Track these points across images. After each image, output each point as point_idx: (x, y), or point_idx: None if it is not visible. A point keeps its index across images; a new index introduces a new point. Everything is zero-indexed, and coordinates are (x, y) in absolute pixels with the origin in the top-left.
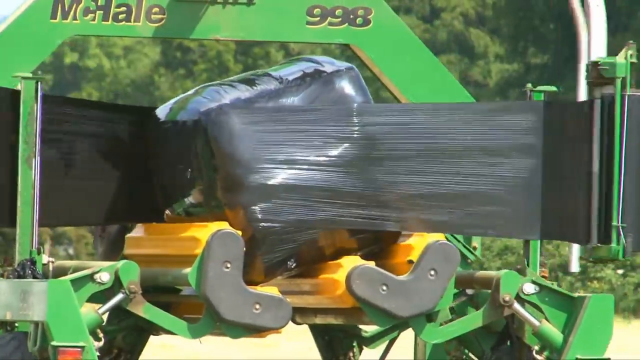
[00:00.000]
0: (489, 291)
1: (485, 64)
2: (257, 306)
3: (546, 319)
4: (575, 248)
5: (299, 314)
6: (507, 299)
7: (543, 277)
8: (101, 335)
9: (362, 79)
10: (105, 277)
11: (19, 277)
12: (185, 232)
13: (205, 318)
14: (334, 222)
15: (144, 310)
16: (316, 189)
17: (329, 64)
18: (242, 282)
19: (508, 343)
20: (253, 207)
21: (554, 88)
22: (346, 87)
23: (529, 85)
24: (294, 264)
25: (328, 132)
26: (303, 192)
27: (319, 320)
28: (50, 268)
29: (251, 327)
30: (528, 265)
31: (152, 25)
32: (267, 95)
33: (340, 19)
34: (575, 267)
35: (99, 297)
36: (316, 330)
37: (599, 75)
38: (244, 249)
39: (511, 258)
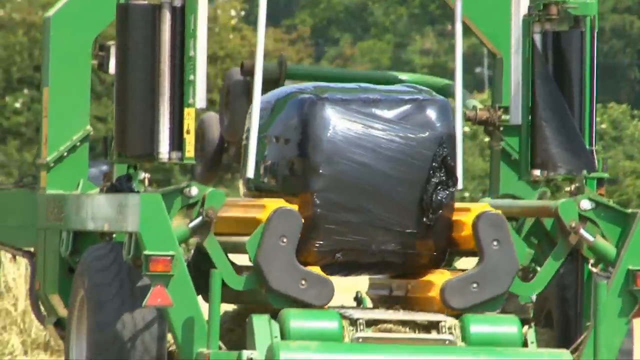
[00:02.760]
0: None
1: None
2: (303, 282)
3: (602, 234)
4: None
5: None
6: (573, 225)
7: (600, 194)
8: (191, 248)
9: (451, 111)
10: (194, 191)
11: (117, 191)
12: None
13: (251, 275)
14: (388, 231)
15: (208, 241)
16: (382, 198)
17: (426, 93)
18: (294, 258)
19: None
20: (320, 194)
21: None
22: (434, 114)
23: None
24: (341, 258)
25: (408, 151)
26: (369, 197)
27: None
28: (146, 183)
29: (294, 300)
30: (586, 183)
31: None
32: (364, 102)
33: None
34: None
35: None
36: None
37: (557, 13)
38: (301, 226)
39: None
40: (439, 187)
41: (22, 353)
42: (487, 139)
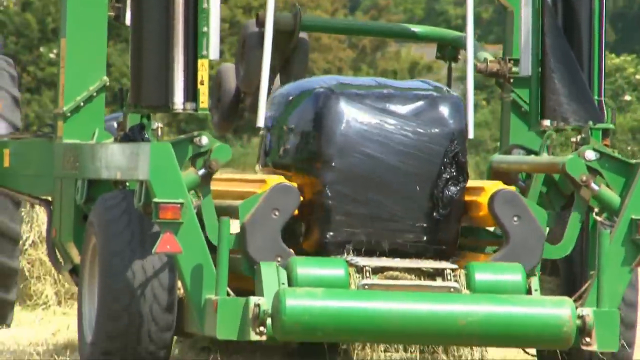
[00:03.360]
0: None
1: None
2: (279, 259)
3: (607, 184)
4: None
5: None
6: (584, 179)
7: (605, 145)
8: (204, 192)
9: (463, 107)
10: (204, 140)
11: (129, 140)
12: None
13: (235, 237)
14: (398, 224)
15: (205, 201)
16: (393, 191)
17: (440, 88)
18: (279, 233)
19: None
20: (332, 186)
21: None
22: (447, 111)
23: None
24: (352, 249)
25: (420, 146)
26: (380, 190)
27: None
28: (159, 133)
29: None
30: (591, 134)
31: None
32: (378, 97)
33: None
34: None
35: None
36: None
37: None
38: (297, 208)
39: None
40: (450, 183)
41: (55, 303)
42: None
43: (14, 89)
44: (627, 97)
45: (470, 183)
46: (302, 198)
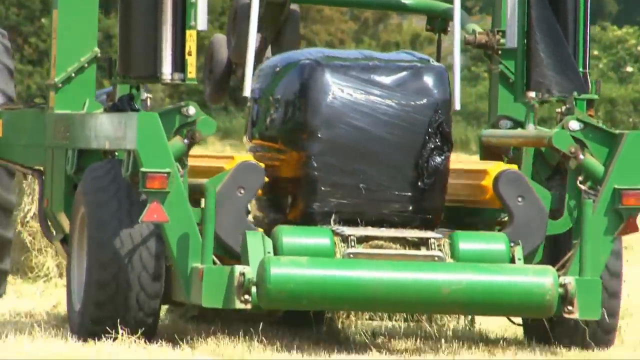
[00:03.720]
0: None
1: None
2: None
3: (591, 154)
4: None
5: None
6: (573, 150)
7: (590, 115)
8: (187, 162)
9: (448, 78)
10: (191, 110)
11: (118, 111)
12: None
13: (201, 212)
14: (384, 194)
15: (184, 177)
16: (379, 162)
17: (424, 59)
18: (245, 211)
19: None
20: (318, 157)
21: None
22: (431, 81)
23: None
24: (338, 220)
25: (404, 116)
26: (366, 161)
27: None
28: (148, 103)
29: (229, 250)
30: (576, 104)
31: None
32: (363, 68)
33: None
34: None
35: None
36: None
37: None
38: (263, 183)
39: None
40: (434, 153)
41: (57, 275)
42: None
43: (8, 60)
44: (629, 69)
45: (473, 164)
46: (288, 169)
